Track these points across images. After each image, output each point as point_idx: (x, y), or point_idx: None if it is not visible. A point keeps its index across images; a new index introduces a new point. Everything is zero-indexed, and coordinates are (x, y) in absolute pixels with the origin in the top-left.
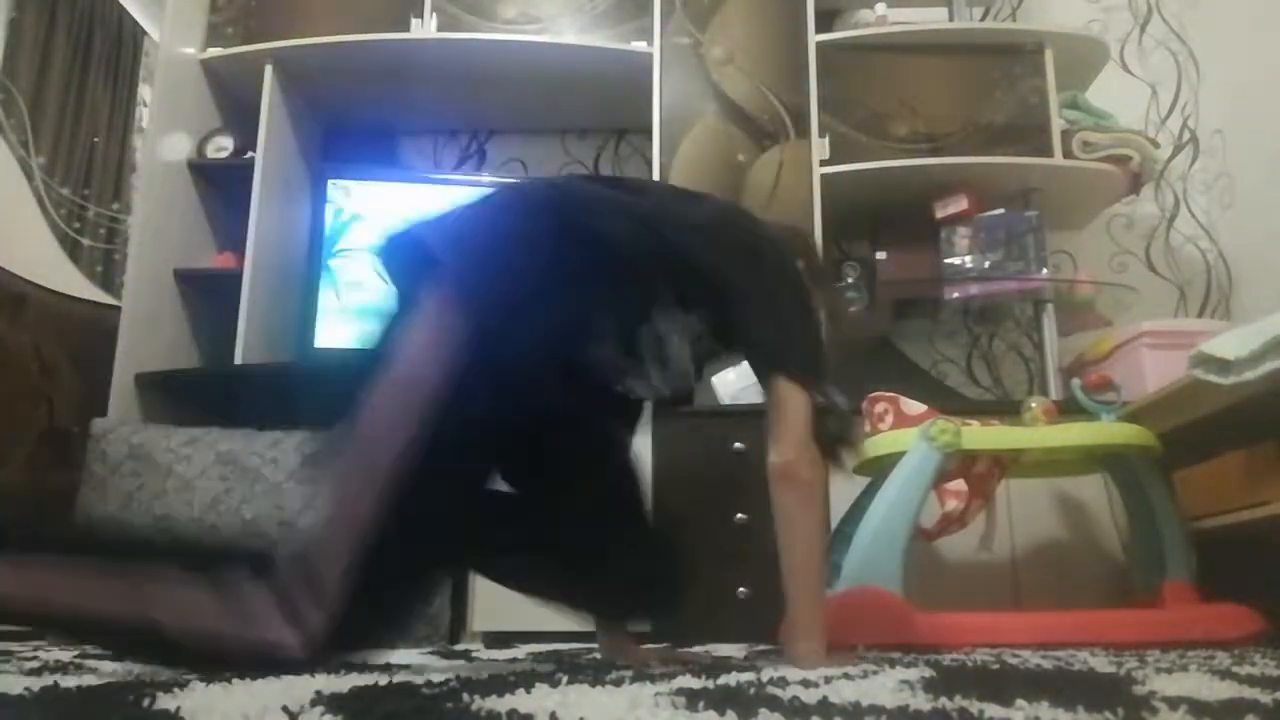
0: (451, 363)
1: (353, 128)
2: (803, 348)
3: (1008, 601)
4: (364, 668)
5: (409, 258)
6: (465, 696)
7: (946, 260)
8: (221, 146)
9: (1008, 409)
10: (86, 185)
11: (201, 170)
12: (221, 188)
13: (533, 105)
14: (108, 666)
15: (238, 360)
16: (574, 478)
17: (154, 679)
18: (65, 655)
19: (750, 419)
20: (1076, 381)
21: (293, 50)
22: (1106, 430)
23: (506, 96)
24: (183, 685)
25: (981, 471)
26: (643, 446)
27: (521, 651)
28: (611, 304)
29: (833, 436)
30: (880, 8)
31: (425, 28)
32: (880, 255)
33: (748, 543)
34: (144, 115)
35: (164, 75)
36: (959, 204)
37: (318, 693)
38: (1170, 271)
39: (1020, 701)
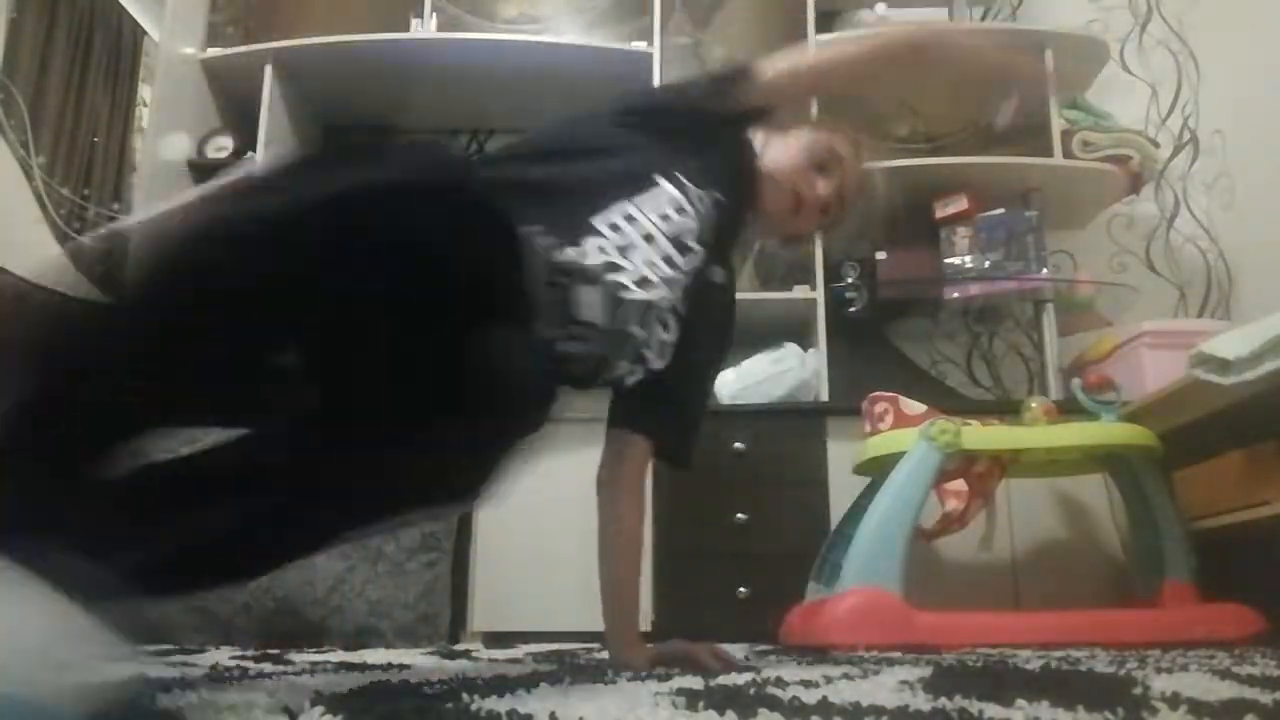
0: None
1: (353, 128)
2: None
3: (1008, 601)
4: (364, 667)
5: None
6: (465, 696)
7: (946, 260)
8: (221, 146)
9: (1008, 409)
10: (86, 185)
11: (201, 170)
12: None
13: (533, 105)
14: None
15: None
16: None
17: (157, 677)
18: None
19: (750, 419)
20: (1077, 381)
21: (293, 50)
22: (1106, 430)
23: (506, 96)
24: (184, 684)
25: (981, 471)
26: None
27: (521, 651)
28: None
29: None
30: (880, 8)
31: (425, 28)
32: (880, 255)
33: (748, 543)
34: (144, 115)
35: (164, 75)
36: (959, 204)
37: (317, 693)
38: (1170, 271)
39: (1020, 701)
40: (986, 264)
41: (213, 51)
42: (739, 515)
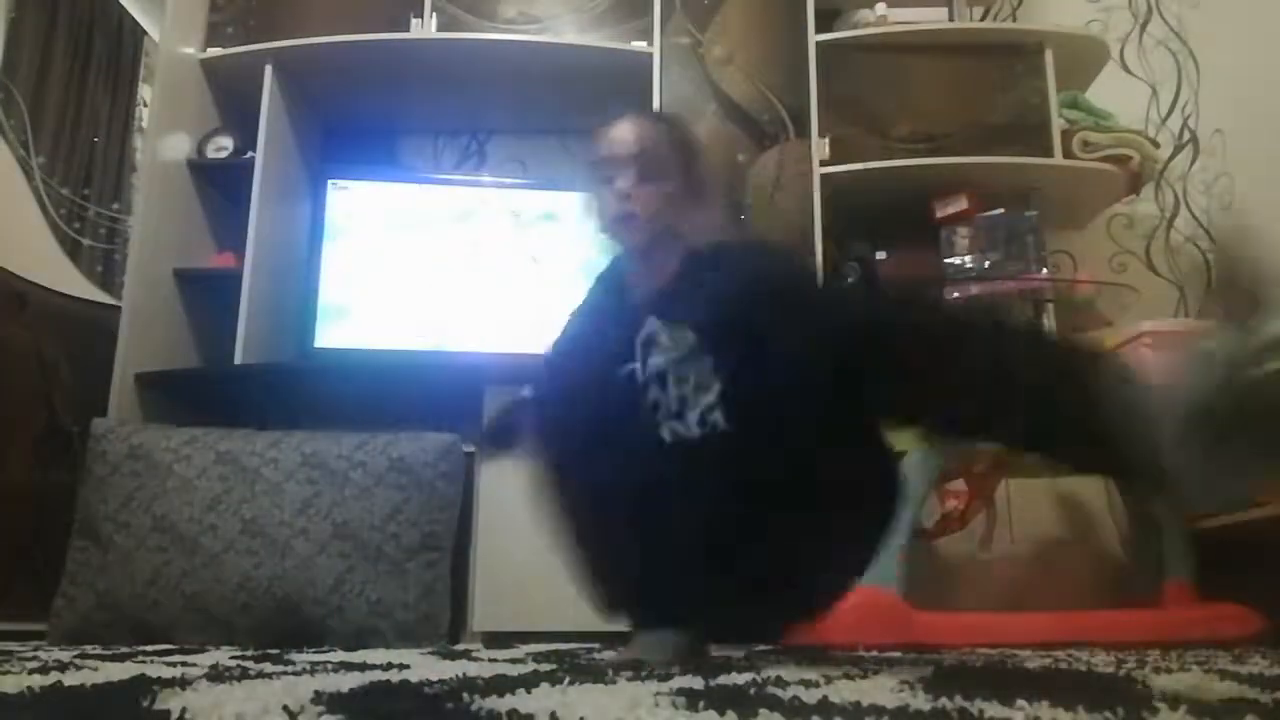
0: None
1: (353, 128)
2: None
3: (1008, 601)
4: (364, 667)
5: None
6: (465, 696)
7: (946, 260)
8: (221, 146)
9: None
10: (86, 185)
11: (201, 170)
12: (221, 188)
13: (533, 105)
14: (109, 666)
15: (238, 360)
16: None
17: (157, 677)
18: (65, 655)
19: None
20: None
21: (293, 50)
22: None
23: (506, 96)
24: (184, 684)
25: (981, 471)
26: None
27: (521, 651)
28: None
29: None
30: (880, 8)
31: (425, 28)
32: (880, 255)
33: None
34: (144, 115)
35: (164, 75)
36: (959, 204)
37: (317, 693)
38: (1170, 271)
39: (1020, 701)
40: (986, 264)
41: (213, 51)
42: None
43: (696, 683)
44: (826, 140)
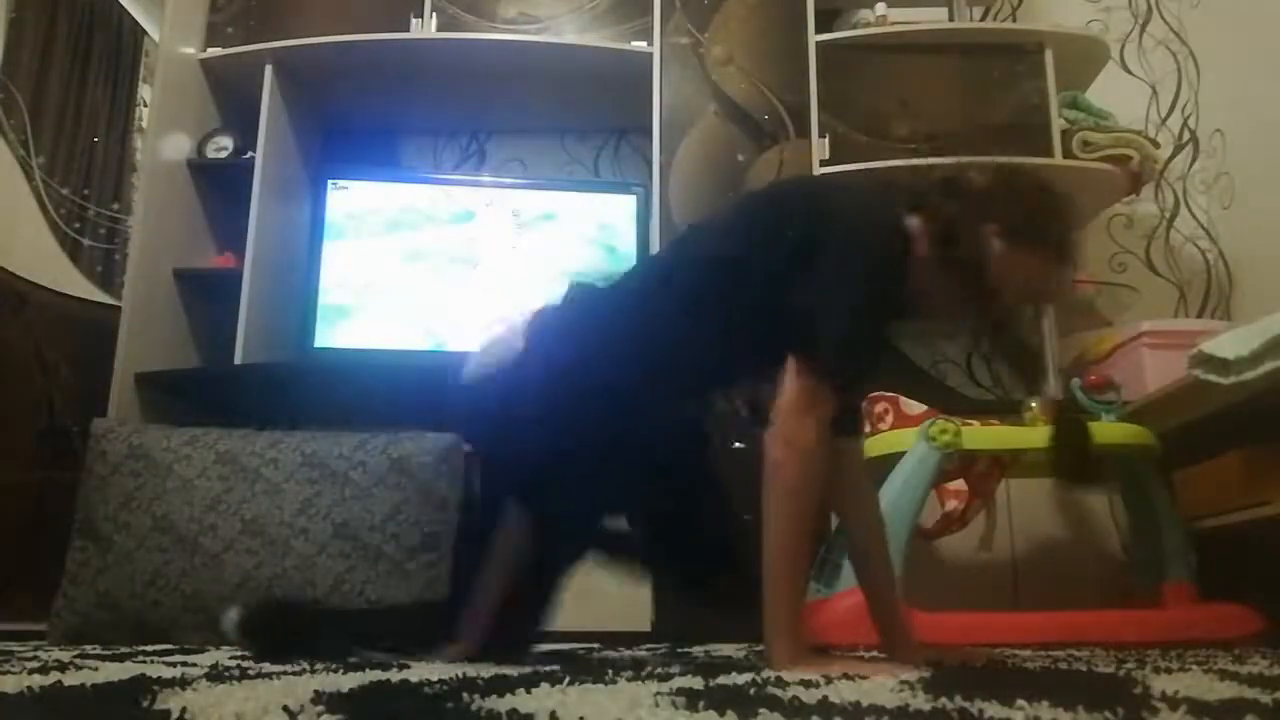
0: None
1: (353, 128)
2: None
3: (1008, 601)
4: (364, 667)
5: None
6: (465, 696)
7: None
8: (221, 146)
9: (1008, 409)
10: (86, 185)
11: (201, 170)
12: (221, 188)
13: (533, 105)
14: (109, 666)
15: (237, 360)
16: None
17: (157, 677)
18: (65, 655)
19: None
20: (1076, 381)
21: (293, 50)
22: (1106, 430)
23: (506, 96)
24: (184, 684)
25: (981, 471)
26: None
27: None
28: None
29: None
30: (880, 8)
31: (425, 28)
32: None
33: (748, 542)
34: (144, 115)
35: (164, 75)
36: None
37: (317, 692)
38: (1170, 271)
39: (1020, 701)
40: None
41: (213, 51)
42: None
43: (696, 683)
44: (826, 140)
